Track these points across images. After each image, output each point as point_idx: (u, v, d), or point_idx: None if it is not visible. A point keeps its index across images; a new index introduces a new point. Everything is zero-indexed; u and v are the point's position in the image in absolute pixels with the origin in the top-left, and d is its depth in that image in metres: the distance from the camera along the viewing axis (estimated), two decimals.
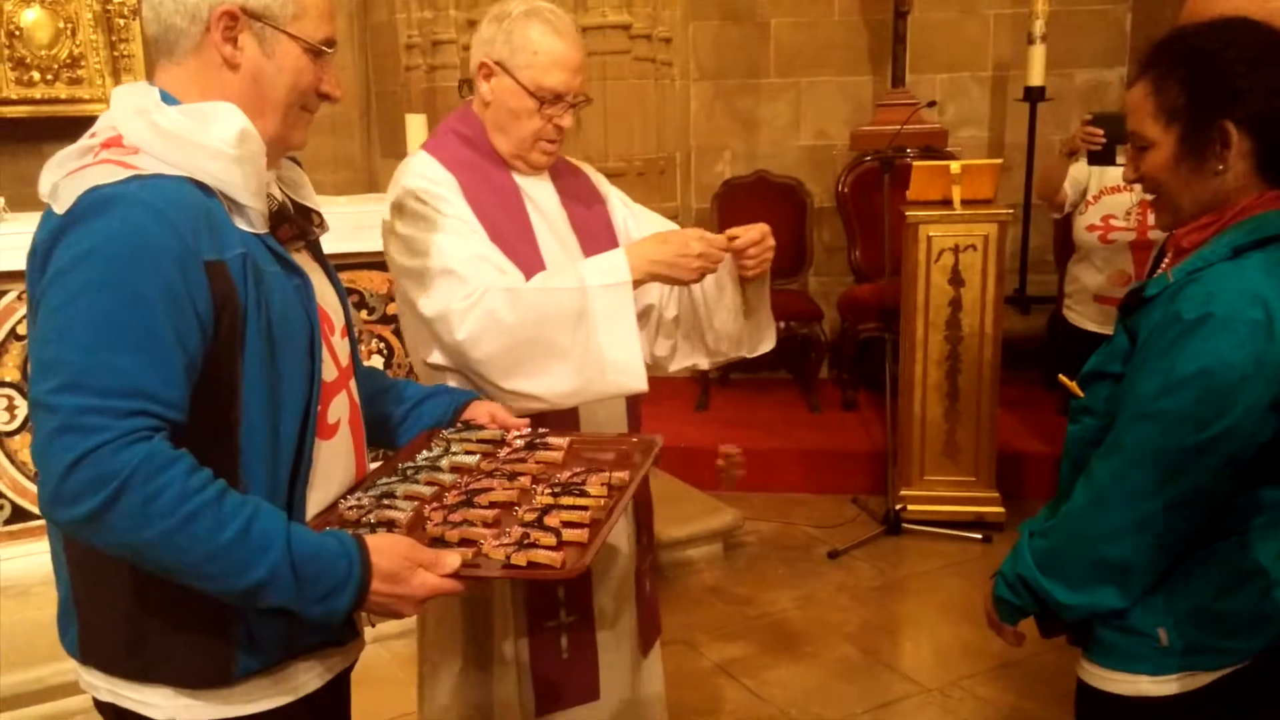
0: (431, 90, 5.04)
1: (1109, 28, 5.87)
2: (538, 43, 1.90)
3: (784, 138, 6.20)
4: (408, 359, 3.77)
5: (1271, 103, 1.42)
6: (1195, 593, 1.49)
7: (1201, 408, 1.38)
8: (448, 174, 1.93)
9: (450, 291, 1.84)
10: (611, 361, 1.85)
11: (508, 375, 1.85)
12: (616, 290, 1.85)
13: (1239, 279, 1.39)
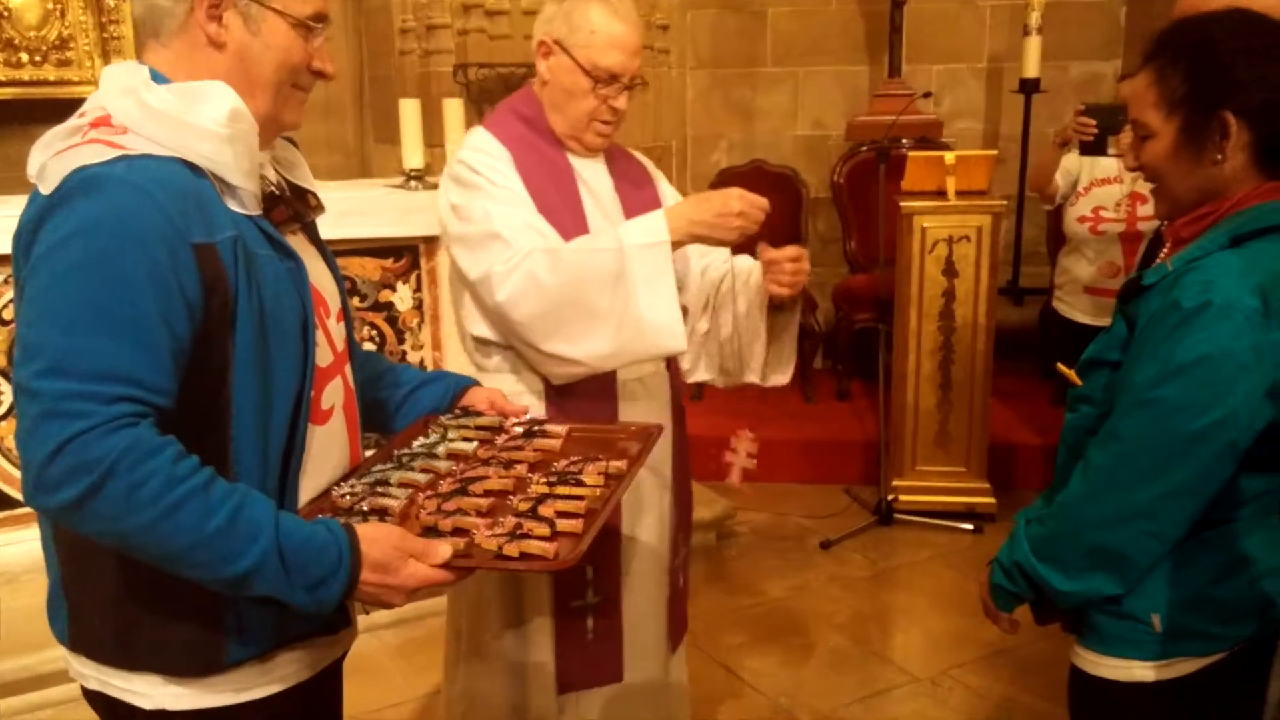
0: (426, 75, 5.00)
1: (1104, 20, 5.86)
2: (596, 22, 1.91)
3: (781, 127, 6.18)
4: (400, 346, 3.77)
5: (1272, 96, 1.42)
6: (1189, 580, 1.50)
7: (1199, 395, 1.38)
8: (502, 148, 1.96)
9: (494, 254, 1.86)
10: (651, 323, 1.84)
11: (548, 337, 1.87)
12: (655, 250, 1.84)
13: (1237, 268, 1.40)
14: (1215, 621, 1.50)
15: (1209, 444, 1.39)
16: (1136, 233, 3.75)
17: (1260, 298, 1.37)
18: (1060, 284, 4.16)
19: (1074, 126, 3.68)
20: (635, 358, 1.91)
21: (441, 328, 3.79)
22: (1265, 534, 1.51)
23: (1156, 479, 1.42)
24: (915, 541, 4.13)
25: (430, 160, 4.48)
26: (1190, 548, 1.49)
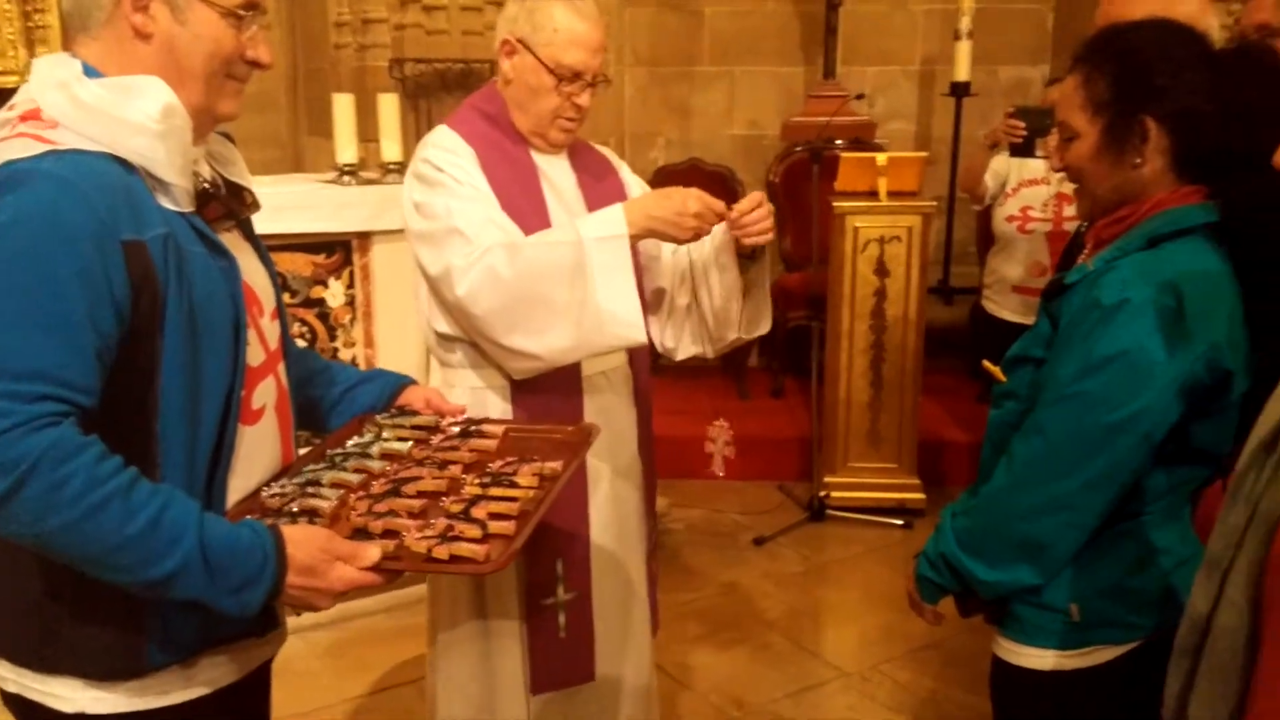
0: (361, 69, 4.94)
1: (1032, 26, 6.00)
2: (559, 21, 1.93)
3: (717, 126, 6.23)
4: (332, 343, 3.72)
5: (1190, 103, 1.47)
6: (1105, 571, 1.55)
7: (1118, 389, 1.43)
8: (467, 146, 1.97)
9: (454, 249, 1.87)
10: (609, 314, 1.85)
11: (508, 331, 1.87)
12: (614, 242, 1.85)
13: (1154, 268, 1.45)
14: (1131, 611, 1.55)
15: (1126, 436, 1.45)
16: (1063, 232, 3.85)
17: (1174, 297, 1.43)
18: (989, 283, 4.25)
19: (1003, 129, 3.77)
20: (596, 350, 1.92)
21: (374, 324, 3.75)
22: (1176, 527, 1.57)
23: (1077, 470, 1.48)
24: (847, 537, 4.20)
25: (365, 155, 4.43)
26: (1107, 540, 1.54)
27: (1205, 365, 1.42)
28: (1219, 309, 1.45)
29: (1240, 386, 1.47)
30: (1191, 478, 1.56)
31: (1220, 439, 1.51)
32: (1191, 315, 1.42)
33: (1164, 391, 1.43)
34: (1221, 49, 1.60)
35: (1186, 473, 1.54)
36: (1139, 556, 1.55)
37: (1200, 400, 1.45)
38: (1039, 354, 1.59)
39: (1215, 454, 1.53)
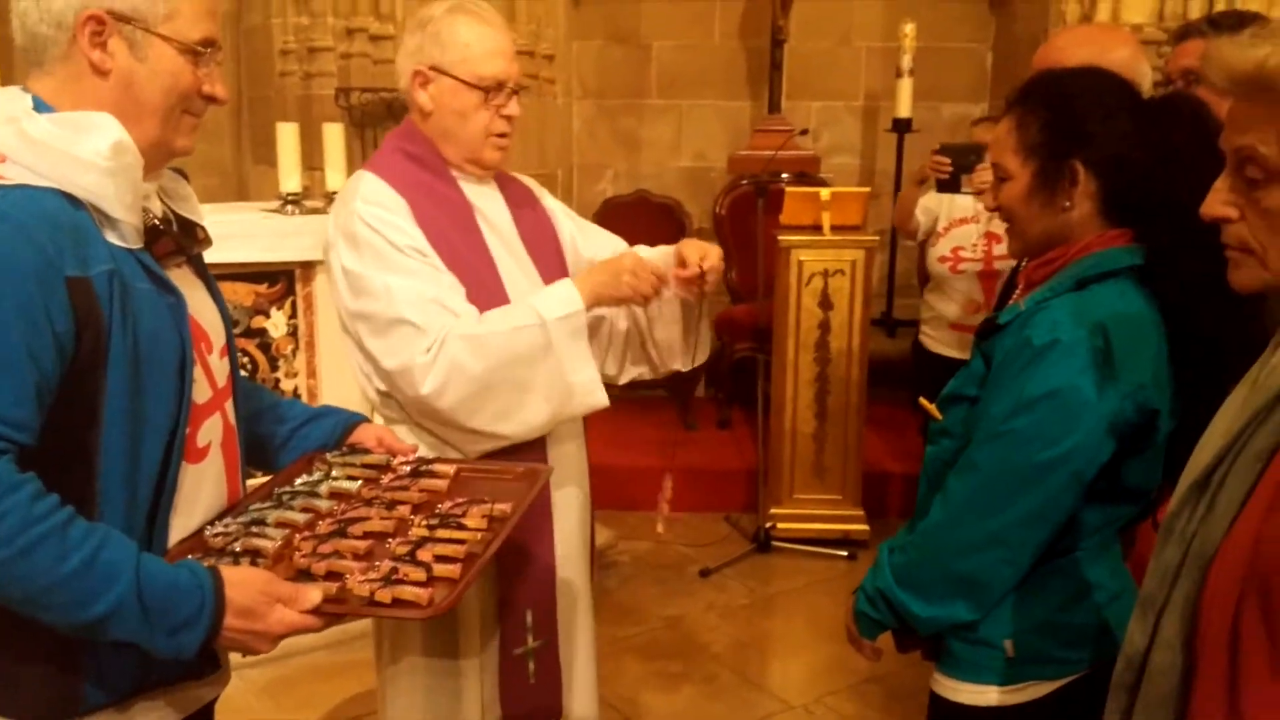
0: (307, 98, 4.91)
1: (972, 65, 6.15)
2: (468, 35, 1.89)
3: (665, 158, 6.28)
4: (274, 374, 3.67)
5: (1118, 149, 1.52)
6: (1038, 607, 1.57)
7: (1049, 427, 1.47)
8: (398, 197, 1.89)
9: (408, 344, 1.82)
10: (578, 384, 1.90)
11: (474, 417, 1.87)
12: (574, 318, 1.88)
13: (1083, 309, 1.49)
14: (1064, 646, 1.58)
15: (1057, 474, 1.48)
16: (994, 270, 3.92)
17: (1103, 337, 1.47)
18: (926, 319, 4.32)
19: (930, 165, 3.86)
20: (561, 418, 1.95)
21: (318, 355, 3.72)
22: (1107, 562, 1.61)
23: (1010, 507, 1.51)
24: (792, 569, 4.22)
25: (310, 183, 4.40)
26: (1040, 575, 1.57)
27: (1134, 405, 1.46)
28: (1145, 349, 1.49)
29: (1166, 426, 1.51)
30: (1121, 515, 1.59)
31: (1149, 477, 1.56)
32: (1119, 355, 1.46)
33: (1094, 430, 1.46)
34: (1150, 98, 1.66)
35: (1117, 510, 1.58)
36: (1071, 592, 1.58)
37: (1129, 439, 1.49)
38: (973, 392, 1.62)
39: (1144, 491, 1.57)
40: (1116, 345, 1.46)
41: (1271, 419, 1.08)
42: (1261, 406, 1.09)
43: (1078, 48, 2.00)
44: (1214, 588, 1.08)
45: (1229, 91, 1.11)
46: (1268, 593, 1.04)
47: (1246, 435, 1.10)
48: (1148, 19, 4.97)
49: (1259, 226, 1.10)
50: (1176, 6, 4.95)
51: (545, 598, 2.06)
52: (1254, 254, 1.11)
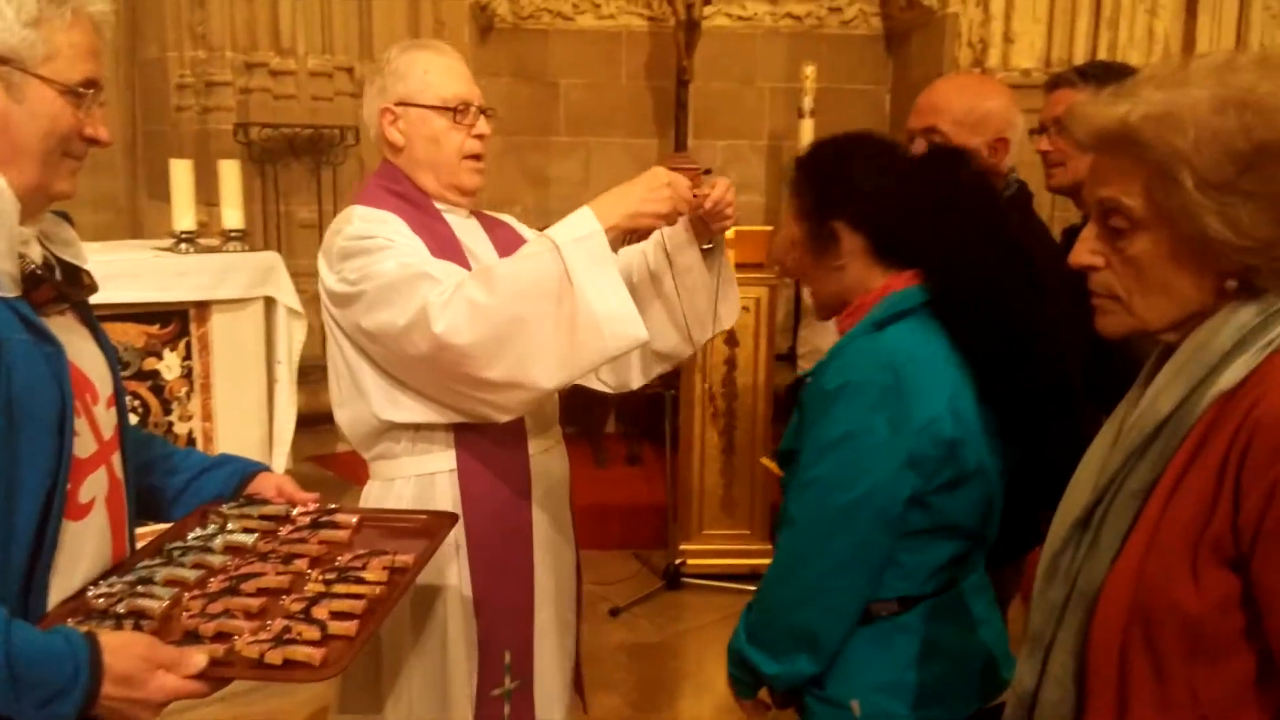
0: (204, 132, 4.82)
1: (871, 106, 6.32)
2: (425, 63, 1.94)
3: (574, 194, 6.28)
4: (166, 417, 3.55)
5: (871, 205, 1.59)
6: (883, 666, 1.58)
7: (846, 469, 1.50)
8: (393, 214, 1.90)
9: (423, 290, 1.74)
10: (605, 316, 1.68)
11: (492, 363, 1.71)
12: (591, 240, 1.71)
13: (873, 349, 1.54)
14: (913, 705, 1.57)
15: (861, 515, 1.50)
16: None
17: (893, 374, 1.50)
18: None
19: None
20: (594, 360, 1.74)
21: (213, 397, 3.62)
22: (958, 617, 1.61)
23: (824, 554, 1.53)
24: (702, 605, 4.23)
25: (207, 220, 4.30)
26: (884, 631, 1.58)
27: (929, 439, 1.49)
28: (937, 383, 1.52)
29: (975, 458, 1.54)
30: (954, 554, 1.60)
31: (970, 512, 1.58)
32: (909, 391, 1.50)
33: (890, 468, 1.49)
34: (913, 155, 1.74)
35: (945, 548, 1.58)
36: (917, 650, 1.58)
37: (932, 474, 1.51)
38: (797, 445, 1.65)
39: (971, 528, 1.59)
40: (907, 381, 1.50)
41: (1147, 457, 1.13)
42: (1137, 445, 1.14)
43: (956, 94, 2.08)
44: (1101, 625, 1.12)
45: (1093, 146, 1.16)
46: (1152, 628, 1.07)
47: (1124, 474, 1.14)
48: (1035, 64, 5.20)
49: (1124, 274, 1.15)
50: (1062, 52, 5.19)
51: (523, 639, 2.01)
52: (1120, 300, 1.17)
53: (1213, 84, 1.08)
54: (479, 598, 1.93)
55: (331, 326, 1.95)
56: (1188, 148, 1.07)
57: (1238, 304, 1.10)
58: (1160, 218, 1.11)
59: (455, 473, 1.93)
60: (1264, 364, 1.08)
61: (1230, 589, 1.04)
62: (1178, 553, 1.06)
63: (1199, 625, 1.05)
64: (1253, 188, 1.05)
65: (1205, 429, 1.09)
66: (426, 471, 1.93)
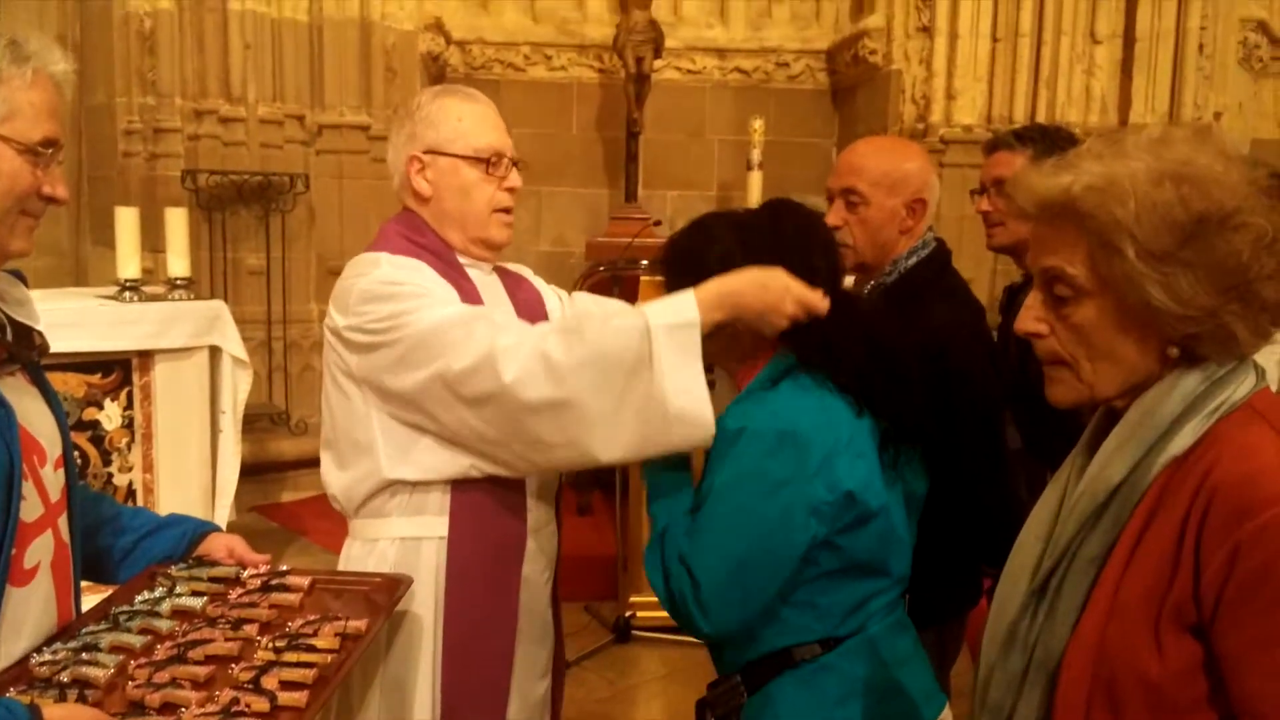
0: (151, 179, 4.75)
1: (818, 158, 6.42)
2: (460, 111, 1.86)
3: (525, 242, 6.31)
4: (106, 469, 3.47)
5: (725, 268, 1.63)
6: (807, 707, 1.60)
7: (739, 513, 1.53)
8: (420, 263, 1.82)
9: (485, 333, 1.67)
10: (677, 412, 1.63)
11: (555, 422, 1.65)
12: (683, 332, 1.63)
13: (770, 400, 1.59)
14: None
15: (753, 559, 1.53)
16: None
17: (787, 423, 1.55)
18: None
19: None
20: (659, 448, 1.67)
21: (155, 448, 3.54)
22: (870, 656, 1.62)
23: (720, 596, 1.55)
24: (653, 658, 4.19)
25: (153, 265, 4.24)
26: (810, 672, 1.60)
27: (824, 484, 1.53)
28: (830, 429, 1.56)
29: (876, 498, 1.58)
30: (868, 593, 1.62)
31: (877, 549, 1.61)
32: (804, 439, 1.53)
33: (782, 512, 1.52)
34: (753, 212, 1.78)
35: (858, 588, 1.61)
36: (841, 690, 1.60)
37: (833, 517, 1.54)
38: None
39: (879, 564, 1.62)
40: (801, 429, 1.54)
41: (1100, 525, 1.14)
42: (1089, 513, 1.15)
43: (875, 155, 2.15)
44: (1064, 695, 1.12)
45: (1036, 216, 1.19)
46: (1115, 696, 1.08)
47: (1078, 542, 1.16)
48: (977, 120, 5.35)
49: (1069, 340, 1.17)
50: (1003, 109, 5.34)
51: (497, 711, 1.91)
52: (1068, 366, 1.19)
53: (1149, 157, 1.12)
54: (449, 680, 1.83)
55: (337, 375, 1.83)
56: (1129, 218, 1.10)
57: (1183, 371, 1.13)
58: (1104, 286, 1.13)
59: (445, 540, 1.83)
60: (1213, 429, 1.10)
61: (1193, 655, 1.06)
62: (1139, 620, 1.08)
63: (1162, 692, 1.06)
64: (1192, 258, 1.09)
65: (1158, 494, 1.11)
66: (414, 535, 1.83)
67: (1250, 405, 1.11)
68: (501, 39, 6.14)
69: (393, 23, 5.28)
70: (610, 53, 5.97)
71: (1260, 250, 1.08)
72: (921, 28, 5.43)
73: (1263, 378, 1.16)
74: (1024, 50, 5.25)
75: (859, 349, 1.61)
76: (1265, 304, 1.10)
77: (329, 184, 5.15)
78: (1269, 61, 5.50)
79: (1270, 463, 1.05)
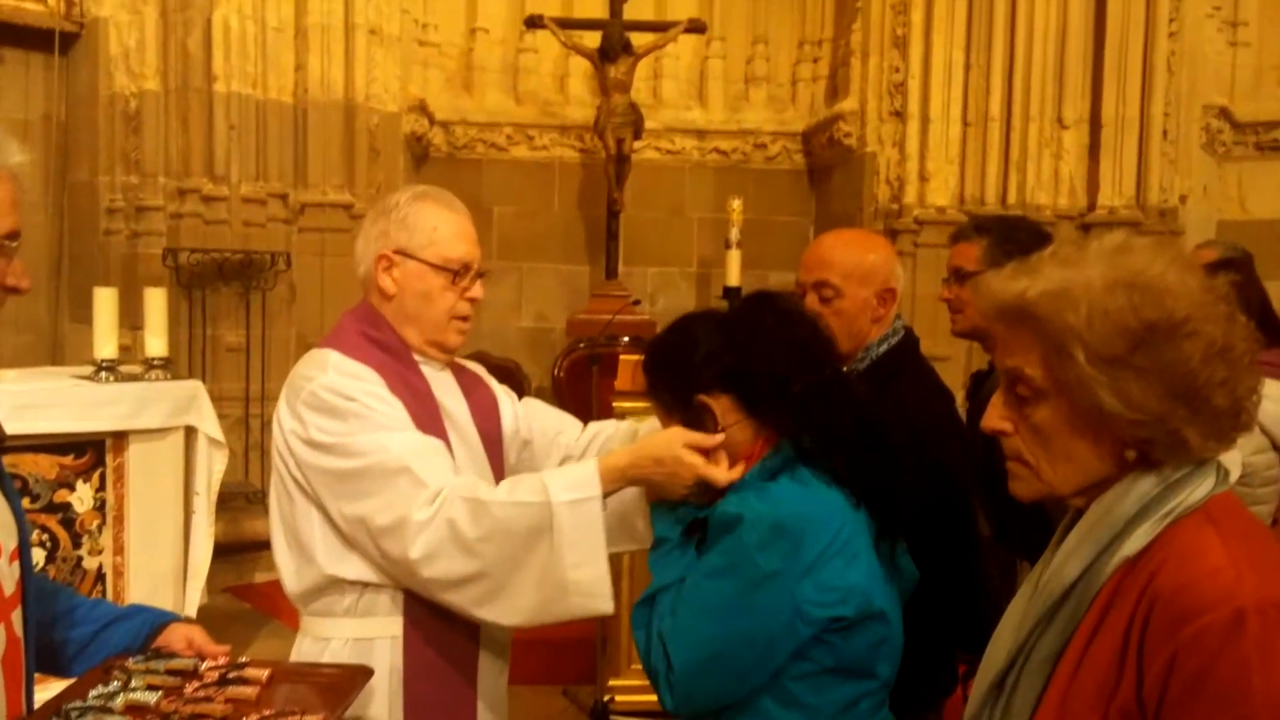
0: (132, 256, 4.78)
1: (795, 237, 6.51)
2: (435, 218, 1.89)
3: (506, 319, 6.35)
4: (76, 551, 3.43)
5: (720, 368, 1.64)
6: None
7: (725, 599, 1.52)
8: (372, 371, 1.84)
9: (407, 497, 1.72)
10: (575, 584, 1.69)
11: (459, 592, 1.73)
12: (584, 507, 1.70)
13: (769, 492, 1.58)
14: None
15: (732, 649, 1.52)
16: None
17: (783, 516, 1.53)
18: None
19: None
20: (555, 618, 1.75)
21: (127, 529, 3.50)
22: None
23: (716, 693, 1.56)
24: None
25: (131, 343, 4.24)
26: None
27: (814, 584, 1.52)
28: (825, 527, 1.55)
29: (873, 600, 1.56)
30: (858, 694, 1.60)
31: (877, 654, 1.59)
32: (798, 535, 1.52)
33: (768, 608, 1.51)
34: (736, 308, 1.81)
35: (849, 689, 1.59)
36: None
37: (824, 617, 1.53)
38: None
39: (871, 669, 1.60)
40: (797, 525, 1.53)
41: (1055, 623, 1.16)
42: (1045, 611, 1.17)
43: (843, 248, 2.20)
44: None
45: (996, 319, 1.22)
46: None
47: (1033, 640, 1.17)
48: (949, 202, 5.45)
49: (1030, 440, 1.20)
50: (975, 190, 5.44)
51: None
52: (1029, 466, 1.21)
53: (1107, 265, 1.15)
54: None
55: (280, 468, 1.85)
56: (1080, 324, 1.13)
57: (1139, 473, 1.15)
58: (1059, 388, 1.16)
59: (399, 640, 1.83)
60: (1164, 533, 1.12)
61: None
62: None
63: None
64: (1143, 364, 1.11)
65: (1110, 595, 1.12)
66: (366, 636, 1.83)
67: (1204, 509, 1.13)
68: (484, 120, 6.24)
69: (376, 104, 5.37)
70: (591, 133, 6.08)
71: (1211, 358, 1.11)
72: (894, 112, 5.56)
73: (1224, 480, 1.17)
74: (994, 134, 5.37)
75: (855, 441, 1.61)
76: (1217, 411, 1.12)
77: (311, 261, 5.18)
78: (1231, 146, 5.63)
79: (1211, 569, 1.06)
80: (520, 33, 6.19)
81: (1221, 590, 1.04)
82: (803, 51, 6.44)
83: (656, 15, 6.25)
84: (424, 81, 6.03)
